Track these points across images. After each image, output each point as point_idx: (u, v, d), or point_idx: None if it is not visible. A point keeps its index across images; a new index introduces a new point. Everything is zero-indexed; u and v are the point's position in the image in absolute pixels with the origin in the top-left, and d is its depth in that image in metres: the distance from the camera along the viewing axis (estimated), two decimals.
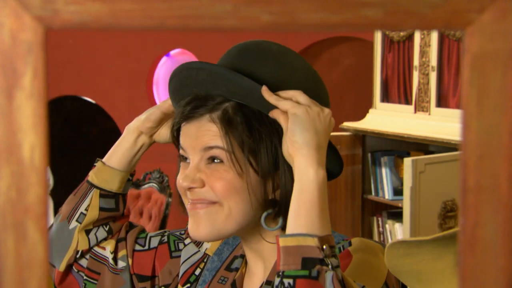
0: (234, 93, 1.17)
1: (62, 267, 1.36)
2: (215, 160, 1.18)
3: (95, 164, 1.38)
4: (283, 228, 1.18)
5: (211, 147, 1.18)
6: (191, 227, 1.20)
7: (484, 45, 0.40)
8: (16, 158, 0.41)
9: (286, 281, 1.03)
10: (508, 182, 0.40)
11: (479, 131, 0.40)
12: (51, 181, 4.52)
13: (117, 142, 1.37)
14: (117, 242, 1.38)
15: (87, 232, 1.35)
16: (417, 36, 4.12)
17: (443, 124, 3.89)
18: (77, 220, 1.34)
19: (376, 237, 4.41)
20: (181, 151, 1.23)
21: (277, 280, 1.04)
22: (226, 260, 1.33)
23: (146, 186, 4.78)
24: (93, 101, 6.14)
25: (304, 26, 0.40)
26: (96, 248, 1.36)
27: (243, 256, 1.30)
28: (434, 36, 4.01)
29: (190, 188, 1.19)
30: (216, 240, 1.26)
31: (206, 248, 1.36)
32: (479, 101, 0.40)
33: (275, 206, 1.19)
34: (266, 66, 1.18)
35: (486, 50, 0.40)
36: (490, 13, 0.39)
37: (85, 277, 1.36)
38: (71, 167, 6.02)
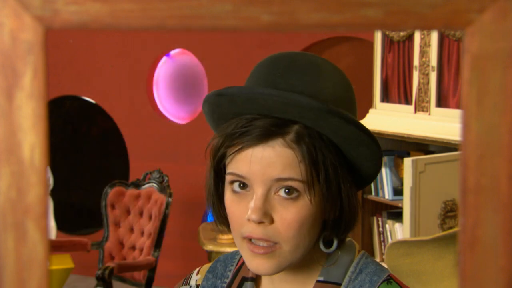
0: (303, 117, 1.05)
1: None
2: (288, 191, 1.06)
3: None
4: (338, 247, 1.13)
5: (285, 179, 1.05)
6: (253, 264, 1.09)
7: (484, 45, 0.40)
8: (16, 158, 0.41)
9: None
10: (508, 182, 0.40)
11: (479, 131, 0.40)
12: (51, 181, 4.51)
13: None
14: None
15: None
16: (417, 36, 4.12)
17: (443, 124, 3.88)
18: None
19: (376, 237, 4.41)
20: (233, 177, 1.09)
21: None
22: (233, 281, 1.23)
23: (146, 186, 4.78)
24: (93, 101, 6.14)
25: (304, 26, 0.40)
26: None
27: (253, 279, 1.21)
28: (434, 36, 4.01)
29: (259, 223, 1.06)
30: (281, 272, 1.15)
31: (196, 280, 1.28)
32: (479, 101, 0.40)
33: (329, 226, 1.11)
34: (326, 85, 1.07)
35: (486, 50, 0.40)
36: (490, 13, 0.39)
37: None
38: (71, 167, 6.03)
